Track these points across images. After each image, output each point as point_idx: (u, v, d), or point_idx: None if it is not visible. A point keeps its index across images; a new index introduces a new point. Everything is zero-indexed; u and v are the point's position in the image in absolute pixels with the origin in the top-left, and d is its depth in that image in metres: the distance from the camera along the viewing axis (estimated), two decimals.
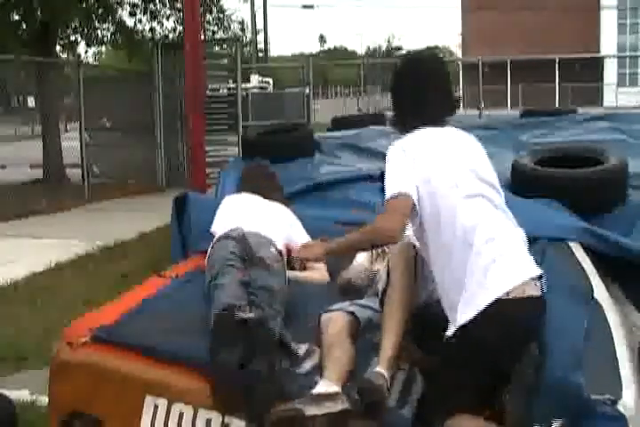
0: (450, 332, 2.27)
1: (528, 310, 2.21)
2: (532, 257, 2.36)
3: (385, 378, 2.30)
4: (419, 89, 2.49)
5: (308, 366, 2.59)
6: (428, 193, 2.30)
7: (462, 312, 2.22)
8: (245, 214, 3.52)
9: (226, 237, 3.17)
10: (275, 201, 3.78)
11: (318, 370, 2.50)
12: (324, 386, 2.35)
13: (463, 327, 2.22)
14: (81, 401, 2.66)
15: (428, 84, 2.50)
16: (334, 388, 2.34)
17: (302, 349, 2.69)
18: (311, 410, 2.22)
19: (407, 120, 2.54)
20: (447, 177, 2.33)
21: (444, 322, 2.32)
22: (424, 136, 2.45)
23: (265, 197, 3.77)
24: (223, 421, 2.40)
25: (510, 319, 2.19)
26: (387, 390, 2.29)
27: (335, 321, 2.68)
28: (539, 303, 2.25)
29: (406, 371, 2.50)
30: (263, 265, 2.97)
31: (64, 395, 2.71)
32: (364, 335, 2.69)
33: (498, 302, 2.17)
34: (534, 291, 2.22)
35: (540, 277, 2.26)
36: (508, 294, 2.18)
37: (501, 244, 2.26)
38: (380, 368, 2.35)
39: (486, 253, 2.23)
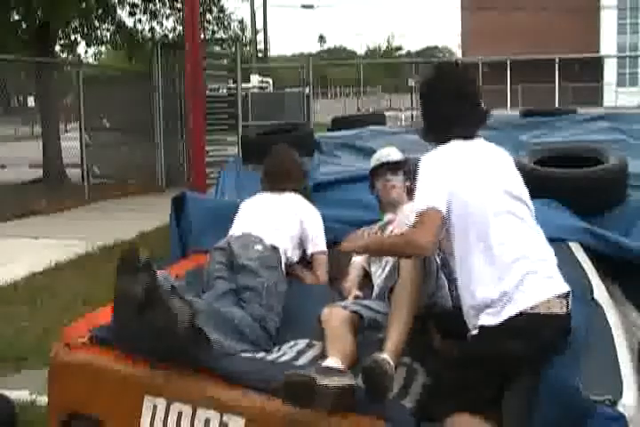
0: (471, 333, 2.31)
1: (549, 327, 2.23)
2: None
3: (390, 365, 2.32)
4: (449, 101, 2.49)
5: (307, 357, 2.62)
6: (458, 208, 2.32)
7: (485, 320, 2.25)
8: (247, 218, 3.52)
9: (214, 249, 3.24)
10: (289, 192, 3.71)
11: (318, 361, 2.52)
12: (332, 362, 2.38)
13: (483, 333, 2.25)
14: (80, 402, 2.66)
15: (459, 97, 2.49)
16: (342, 366, 2.37)
17: (302, 343, 2.72)
18: (323, 380, 2.23)
19: (437, 132, 2.54)
20: (478, 194, 2.34)
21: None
22: (455, 150, 2.45)
23: (281, 190, 3.71)
24: (222, 419, 2.40)
25: (530, 333, 2.21)
26: (391, 375, 2.29)
27: (336, 315, 2.70)
28: (562, 321, 2.26)
29: (407, 366, 2.51)
30: (246, 269, 3.04)
31: (63, 396, 2.72)
32: (367, 333, 2.71)
33: (521, 315, 2.20)
34: (559, 309, 2.24)
35: (567, 295, 2.28)
36: (532, 308, 2.20)
37: (529, 262, 2.28)
38: (386, 355, 2.37)
39: (515, 271, 2.25)
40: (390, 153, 3.65)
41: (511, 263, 2.26)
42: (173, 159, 11.72)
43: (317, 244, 3.54)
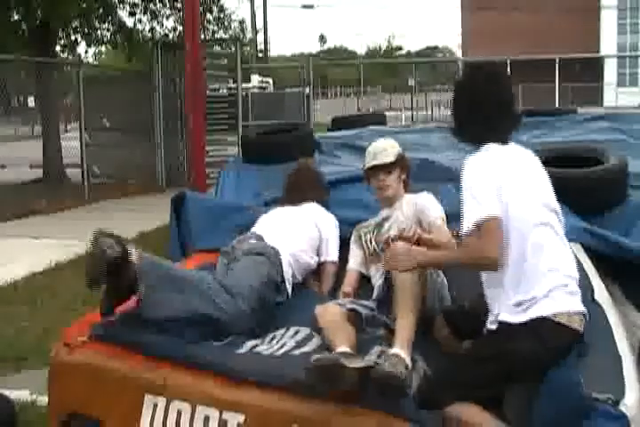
0: (487, 327, 2.35)
1: (566, 338, 2.25)
2: None
3: (403, 359, 2.34)
4: (489, 104, 2.46)
5: (308, 347, 2.64)
6: (504, 216, 2.31)
7: (506, 317, 2.28)
8: (260, 225, 3.56)
9: (221, 251, 3.33)
10: (307, 202, 3.75)
11: (319, 350, 2.53)
12: (343, 348, 2.42)
13: (501, 329, 2.28)
14: (80, 402, 2.67)
15: (500, 100, 2.48)
16: (352, 351, 2.41)
17: (303, 333, 2.74)
18: (347, 362, 2.28)
19: (473, 134, 2.51)
20: (522, 204, 2.34)
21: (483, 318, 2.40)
22: (498, 155, 2.42)
23: (298, 201, 3.75)
24: (221, 417, 2.40)
25: (547, 338, 2.23)
26: (405, 369, 2.30)
27: (331, 311, 2.73)
28: (577, 337, 2.28)
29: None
30: (235, 260, 3.15)
31: (63, 396, 2.72)
32: (366, 330, 2.71)
33: (544, 319, 2.23)
34: (577, 325, 2.27)
35: (585, 315, 2.31)
36: (555, 316, 2.23)
37: (560, 275, 2.31)
38: (397, 349, 2.40)
39: (547, 280, 2.28)
40: (386, 148, 3.45)
41: (544, 273, 2.29)
42: (173, 159, 11.72)
43: (329, 252, 3.55)
